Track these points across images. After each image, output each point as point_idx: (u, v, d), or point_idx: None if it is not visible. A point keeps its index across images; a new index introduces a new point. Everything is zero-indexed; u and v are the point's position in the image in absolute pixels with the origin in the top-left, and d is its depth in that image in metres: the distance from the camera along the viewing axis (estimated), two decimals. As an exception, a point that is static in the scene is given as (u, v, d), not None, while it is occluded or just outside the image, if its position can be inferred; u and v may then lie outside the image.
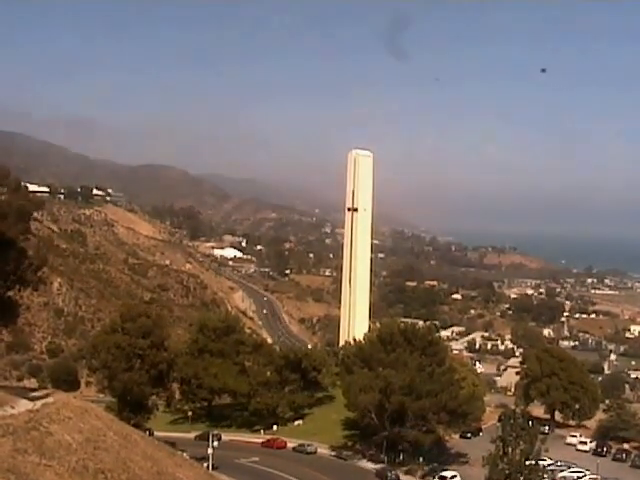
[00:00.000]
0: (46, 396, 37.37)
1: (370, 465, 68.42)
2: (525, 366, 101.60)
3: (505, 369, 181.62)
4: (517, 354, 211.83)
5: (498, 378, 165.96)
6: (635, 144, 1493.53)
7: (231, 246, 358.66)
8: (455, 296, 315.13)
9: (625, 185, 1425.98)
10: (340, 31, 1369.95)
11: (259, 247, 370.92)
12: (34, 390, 64.87)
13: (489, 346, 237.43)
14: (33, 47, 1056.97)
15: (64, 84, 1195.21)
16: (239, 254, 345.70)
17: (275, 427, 79.43)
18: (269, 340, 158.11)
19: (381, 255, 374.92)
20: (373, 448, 72.07)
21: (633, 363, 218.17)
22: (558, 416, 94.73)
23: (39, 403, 34.18)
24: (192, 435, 74.54)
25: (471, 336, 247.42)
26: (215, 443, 60.08)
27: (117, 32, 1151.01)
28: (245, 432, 79.67)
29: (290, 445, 73.04)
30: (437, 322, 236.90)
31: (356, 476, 65.54)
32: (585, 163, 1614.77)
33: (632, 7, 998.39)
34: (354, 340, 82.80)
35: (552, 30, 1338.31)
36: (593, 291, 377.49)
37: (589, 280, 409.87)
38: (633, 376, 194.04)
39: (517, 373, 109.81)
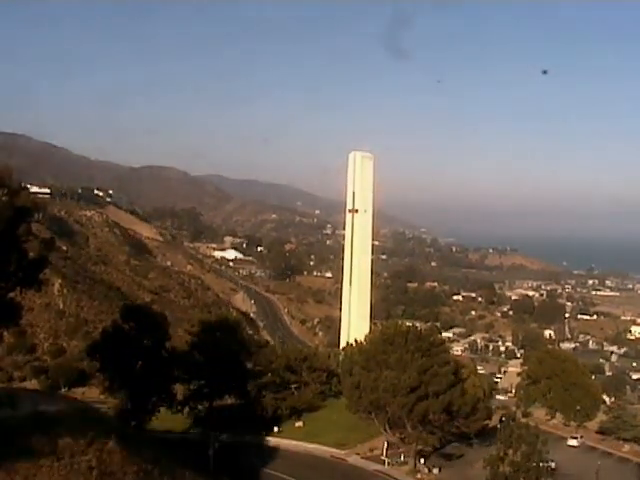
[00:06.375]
0: (54, 397, 37.50)
1: (371, 466, 68.51)
2: (526, 367, 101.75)
3: (506, 370, 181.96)
4: (518, 355, 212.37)
5: (499, 379, 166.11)
6: (635, 144, 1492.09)
7: (232, 247, 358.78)
8: (456, 297, 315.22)
9: (625, 186, 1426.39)
10: (341, 31, 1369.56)
11: (260, 248, 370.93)
12: (36, 391, 65.04)
13: (490, 347, 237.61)
14: (33, 47, 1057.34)
15: (65, 85, 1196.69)
16: (240, 255, 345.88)
17: (276, 429, 79.40)
18: (270, 341, 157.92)
19: (383, 256, 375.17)
20: (373, 449, 72.22)
21: (634, 364, 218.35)
22: (559, 417, 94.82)
23: (44, 404, 34.29)
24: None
25: (472, 337, 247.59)
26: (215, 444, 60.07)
27: (117, 32, 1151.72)
28: (246, 433, 79.58)
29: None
30: (438, 323, 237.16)
31: (356, 477, 65.63)
32: (586, 164, 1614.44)
33: (632, 7, 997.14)
34: (355, 341, 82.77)
35: (551, 32, 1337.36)
36: (594, 292, 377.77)
37: (590, 281, 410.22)
38: (634, 377, 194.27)
39: (518, 374, 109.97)
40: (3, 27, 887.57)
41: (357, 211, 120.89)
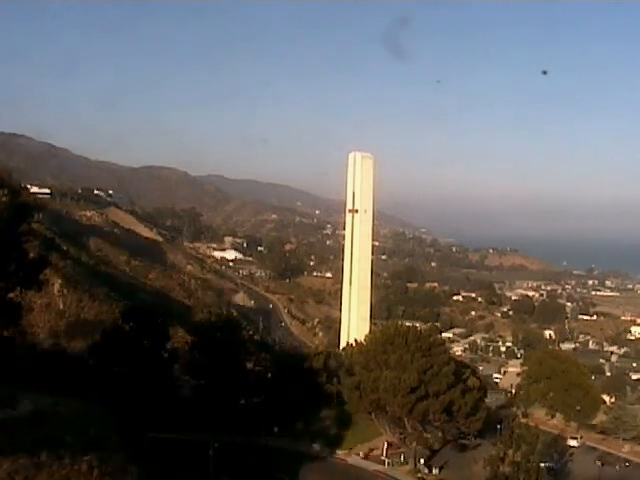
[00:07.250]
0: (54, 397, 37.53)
1: (371, 467, 68.51)
2: (526, 368, 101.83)
3: (506, 370, 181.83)
4: (518, 355, 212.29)
5: (499, 380, 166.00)
6: (635, 144, 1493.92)
7: (232, 247, 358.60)
8: (456, 297, 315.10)
9: (625, 186, 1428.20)
10: (341, 31, 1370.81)
11: (260, 249, 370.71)
12: (36, 391, 64.77)
13: (490, 347, 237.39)
14: (33, 47, 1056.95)
15: (65, 85, 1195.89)
16: (240, 256, 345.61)
17: (276, 429, 79.35)
18: (270, 341, 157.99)
19: (383, 257, 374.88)
20: (373, 449, 72.23)
21: (634, 365, 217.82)
22: (559, 418, 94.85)
23: (41, 404, 34.32)
24: None
25: (472, 338, 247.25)
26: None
27: (117, 32, 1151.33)
28: (246, 435, 79.52)
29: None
30: (438, 323, 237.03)
31: (356, 477, 65.61)
32: (586, 164, 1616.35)
33: (632, 7, 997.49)
34: (355, 341, 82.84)
35: (551, 32, 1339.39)
36: (594, 293, 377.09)
37: (590, 282, 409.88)
38: (634, 378, 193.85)
39: (518, 374, 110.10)
40: (3, 27, 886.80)
41: (357, 211, 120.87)
